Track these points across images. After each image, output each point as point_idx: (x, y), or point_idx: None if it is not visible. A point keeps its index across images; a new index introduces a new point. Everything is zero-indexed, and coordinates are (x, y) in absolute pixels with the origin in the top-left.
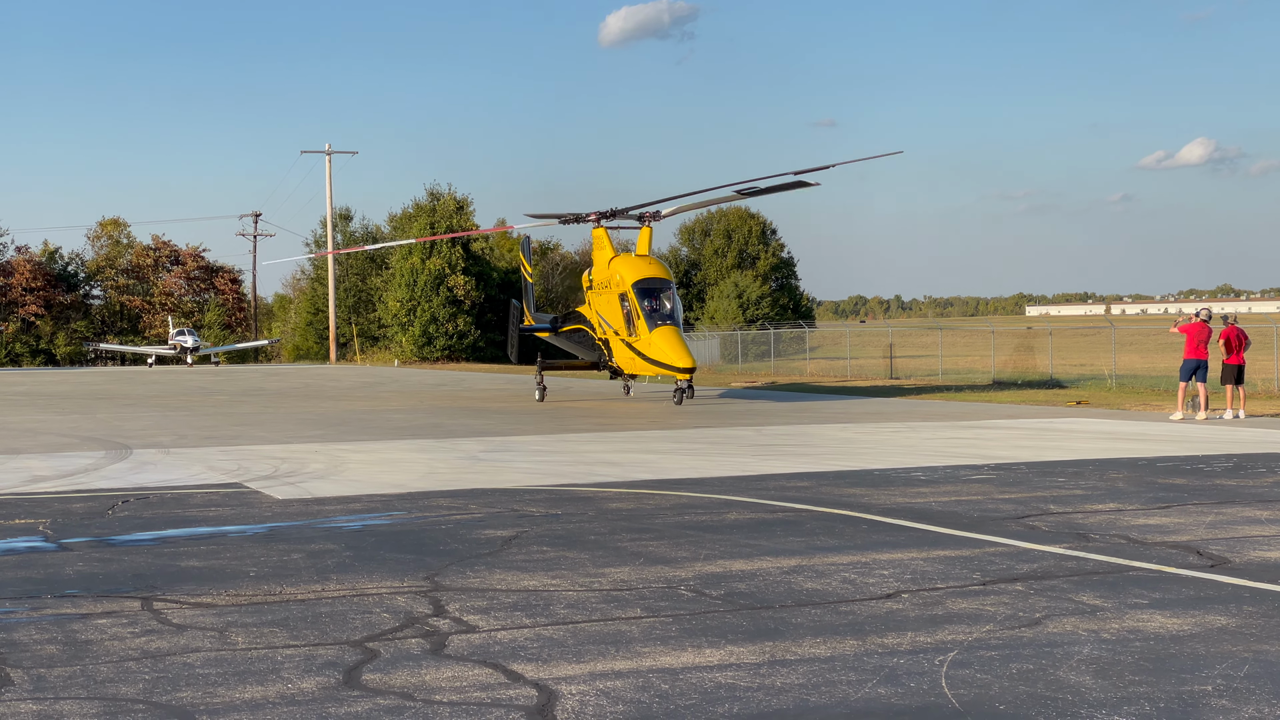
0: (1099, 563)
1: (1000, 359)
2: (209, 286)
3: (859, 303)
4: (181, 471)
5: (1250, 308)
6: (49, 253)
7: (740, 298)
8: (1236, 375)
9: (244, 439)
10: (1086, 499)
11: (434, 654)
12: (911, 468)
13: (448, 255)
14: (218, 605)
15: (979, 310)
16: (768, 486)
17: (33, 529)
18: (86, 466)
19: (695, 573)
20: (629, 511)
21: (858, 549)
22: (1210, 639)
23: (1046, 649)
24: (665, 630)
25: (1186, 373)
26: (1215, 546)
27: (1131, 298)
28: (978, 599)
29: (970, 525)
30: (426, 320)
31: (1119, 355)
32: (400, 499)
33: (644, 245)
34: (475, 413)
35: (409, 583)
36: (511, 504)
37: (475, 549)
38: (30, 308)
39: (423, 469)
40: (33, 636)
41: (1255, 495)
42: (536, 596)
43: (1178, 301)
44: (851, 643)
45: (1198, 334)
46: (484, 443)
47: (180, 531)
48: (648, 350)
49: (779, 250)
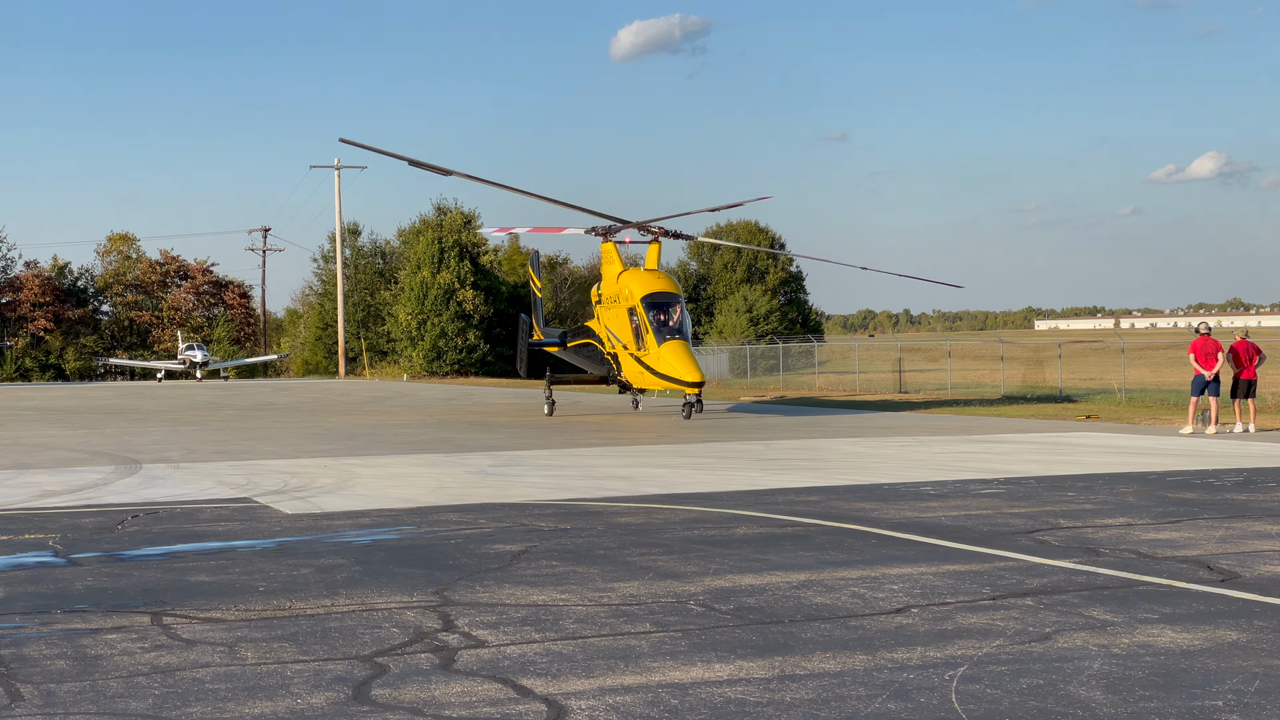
0: (1109, 577)
1: (1009, 373)
2: (218, 301)
3: (868, 317)
4: (191, 486)
5: (1260, 321)
6: (58, 268)
7: (749, 312)
8: (1247, 389)
9: (253, 454)
10: (1096, 513)
11: (443, 669)
12: (921, 482)
13: (457, 270)
14: (227, 620)
15: (988, 324)
16: (777, 501)
17: (43, 544)
18: (96, 481)
19: (705, 587)
20: (638, 526)
21: (867, 564)
22: (1221, 654)
23: (1057, 664)
24: (675, 645)
25: (1198, 388)
26: (1225, 561)
27: (1141, 311)
28: (988, 614)
29: (980, 540)
30: (436, 335)
31: (1128, 369)
32: (409, 513)
33: (653, 260)
34: (484, 427)
35: (418, 597)
36: (521, 518)
37: (484, 564)
38: (40, 323)
39: (432, 483)
40: (42, 651)
41: (1265, 510)
42: (546, 611)
43: (1187, 315)
44: (861, 658)
45: (1202, 348)
46: (493, 457)
47: (190, 546)
48: (656, 364)
49: (788, 264)
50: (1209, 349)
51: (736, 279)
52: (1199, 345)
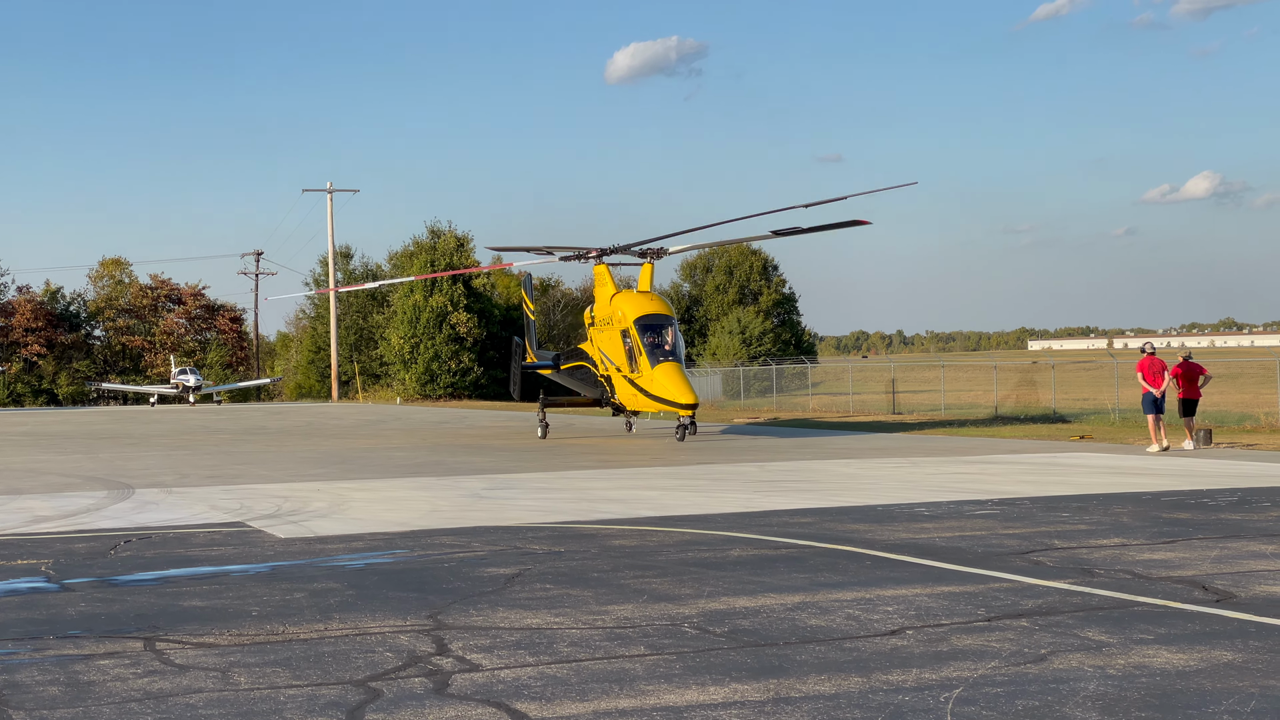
0: (1104, 598)
1: (1003, 393)
2: (210, 325)
3: (861, 338)
4: (184, 511)
5: (1253, 340)
6: (50, 292)
7: (742, 333)
8: (1189, 408)
9: (246, 478)
10: (1091, 534)
11: (437, 693)
12: (915, 503)
13: (449, 292)
14: (220, 645)
15: (981, 345)
16: (771, 523)
17: (35, 569)
18: (89, 506)
19: (699, 610)
20: (632, 549)
21: (862, 585)
22: (1216, 674)
23: (1052, 685)
24: (669, 668)
25: (1149, 406)
26: (1220, 581)
27: (1134, 331)
28: (983, 635)
29: (974, 561)
30: (429, 358)
31: (1121, 389)
32: (403, 537)
33: (646, 282)
34: (478, 450)
35: (412, 621)
36: (514, 541)
37: (478, 587)
38: (32, 348)
39: (425, 507)
40: (35, 678)
41: (1260, 530)
42: (540, 634)
43: (1180, 335)
44: (856, 680)
45: (1149, 367)
46: (487, 480)
47: (183, 571)
48: (650, 386)
49: (780, 286)
50: (1155, 368)
51: (729, 300)
52: (1145, 364)
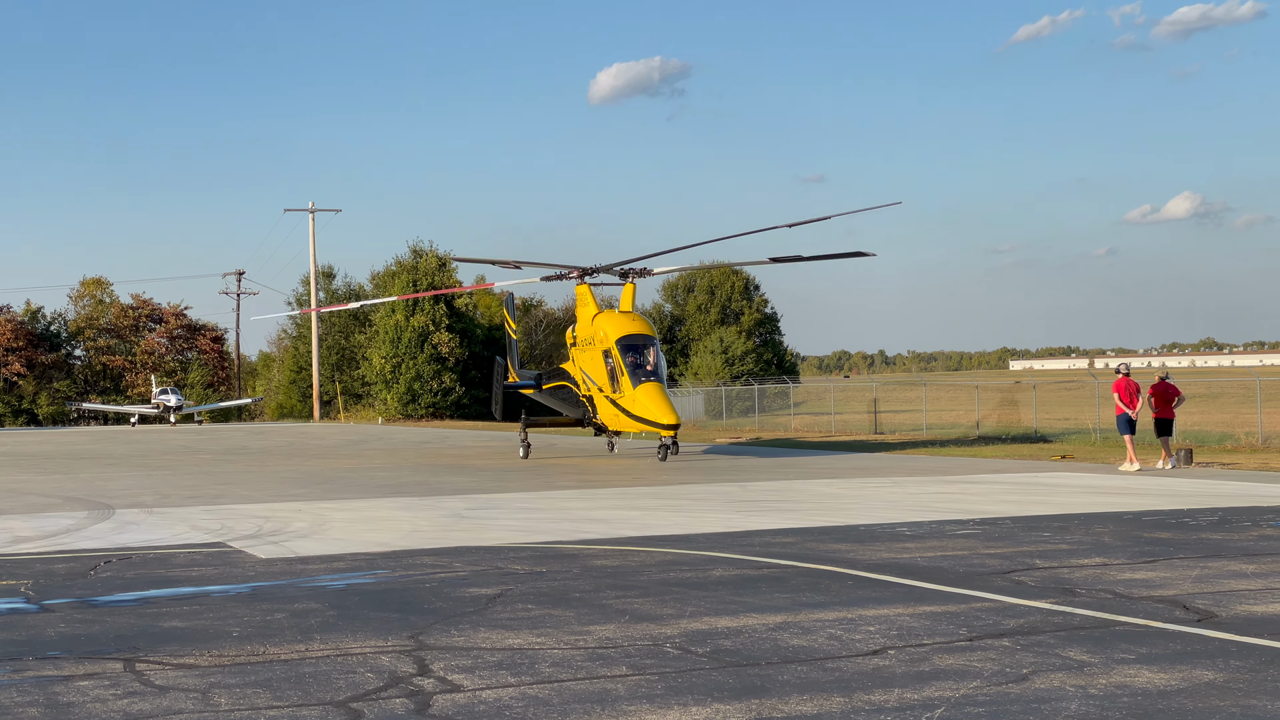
0: (1086, 618)
1: (984, 413)
2: (192, 345)
3: (843, 358)
4: (164, 531)
5: (1234, 360)
6: (31, 312)
7: (724, 353)
8: (1164, 428)
9: (227, 498)
10: (1072, 554)
11: (418, 714)
12: (897, 523)
13: (431, 312)
14: (200, 666)
15: (963, 365)
16: (753, 543)
17: (14, 590)
18: (69, 527)
19: (681, 630)
20: (614, 569)
21: (844, 605)
22: (1198, 694)
23: (1034, 705)
24: (651, 688)
25: (1125, 426)
26: (1202, 601)
27: (1115, 351)
28: (964, 655)
29: (956, 581)
30: (411, 377)
31: (1102, 409)
32: (384, 557)
33: (627, 302)
34: (459, 470)
35: (393, 642)
36: (496, 562)
37: (460, 607)
38: (13, 367)
39: (407, 527)
40: (14, 699)
41: (1240, 549)
42: (521, 655)
43: (1161, 355)
44: (838, 700)
45: (1125, 388)
46: (468, 500)
47: (163, 592)
48: (632, 406)
49: (762, 306)
50: (1131, 389)
51: (711, 320)
52: (1121, 385)
